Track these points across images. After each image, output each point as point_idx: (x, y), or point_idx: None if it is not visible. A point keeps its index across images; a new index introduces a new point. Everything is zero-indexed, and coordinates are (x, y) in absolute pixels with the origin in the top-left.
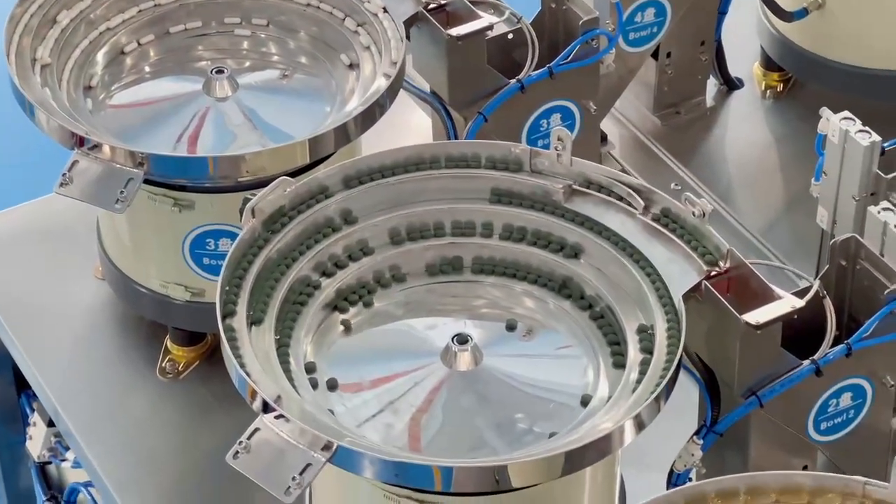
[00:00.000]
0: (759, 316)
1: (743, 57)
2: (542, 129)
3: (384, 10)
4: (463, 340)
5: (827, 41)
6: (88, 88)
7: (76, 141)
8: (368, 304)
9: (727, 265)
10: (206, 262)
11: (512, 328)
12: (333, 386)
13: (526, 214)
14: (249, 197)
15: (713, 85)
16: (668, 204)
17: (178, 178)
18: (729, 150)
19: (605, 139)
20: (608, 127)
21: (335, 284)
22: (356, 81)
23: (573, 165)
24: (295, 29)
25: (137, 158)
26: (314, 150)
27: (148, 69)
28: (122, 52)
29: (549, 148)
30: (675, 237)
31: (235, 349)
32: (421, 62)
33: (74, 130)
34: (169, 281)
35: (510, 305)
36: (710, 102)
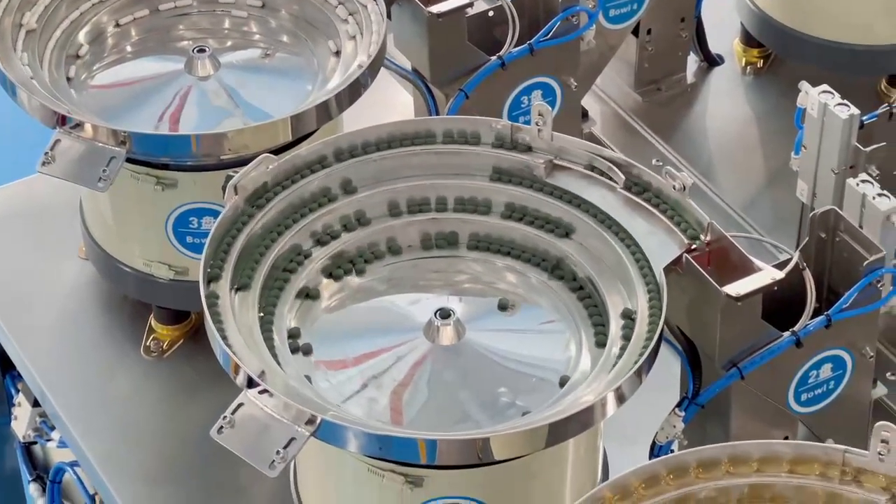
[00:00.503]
0: (739, 288)
1: (723, 33)
2: (523, 105)
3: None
4: (445, 315)
5: (806, 17)
6: (70, 68)
7: (58, 120)
8: (341, 277)
9: (708, 238)
10: (189, 240)
11: (504, 308)
12: (308, 351)
13: (509, 189)
14: (232, 174)
15: (693, 61)
16: (648, 178)
17: (160, 156)
18: (710, 125)
19: (586, 115)
20: (589, 103)
21: (316, 262)
22: (338, 56)
23: (554, 140)
24: (276, 8)
25: (120, 137)
26: (296, 127)
27: (129, 49)
28: (103, 31)
29: (530, 124)
30: (655, 211)
31: (219, 324)
32: (402, 40)
33: (56, 109)
34: (152, 260)
35: (492, 280)
36: (690, 79)
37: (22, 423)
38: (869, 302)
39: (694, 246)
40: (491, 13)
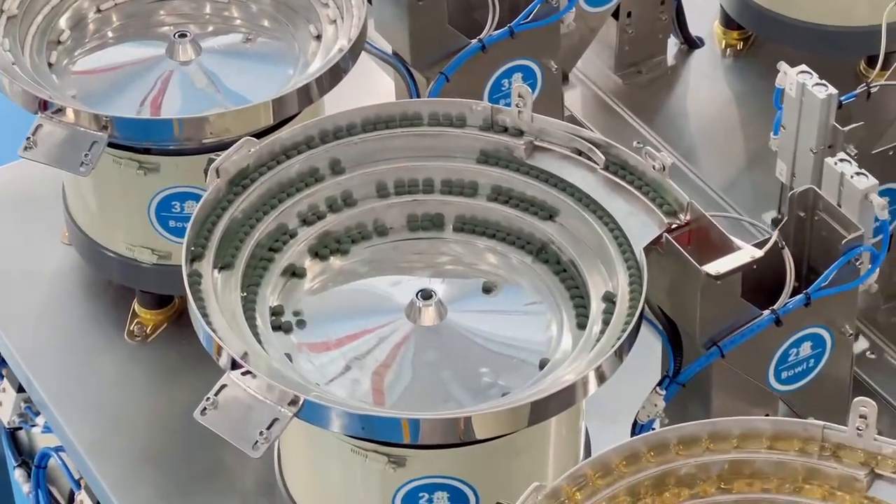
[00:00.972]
0: (718, 266)
1: (703, 16)
2: (503, 88)
3: None
4: (427, 296)
5: None
6: (51, 54)
7: (40, 105)
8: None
9: (687, 217)
10: (172, 224)
11: (489, 290)
12: (290, 329)
13: (488, 171)
14: (214, 158)
15: (674, 44)
16: (628, 158)
17: (142, 140)
18: (690, 108)
19: (566, 78)
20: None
21: (300, 244)
22: (319, 40)
23: (534, 122)
24: None
25: (101, 121)
26: (277, 111)
27: (111, 34)
28: (84, 17)
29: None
30: (635, 191)
31: (202, 306)
32: (382, 24)
33: (37, 94)
34: (135, 244)
35: (474, 262)
36: (670, 61)
37: (6, 408)
38: (848, 280)
39: (674, 225)
40: None
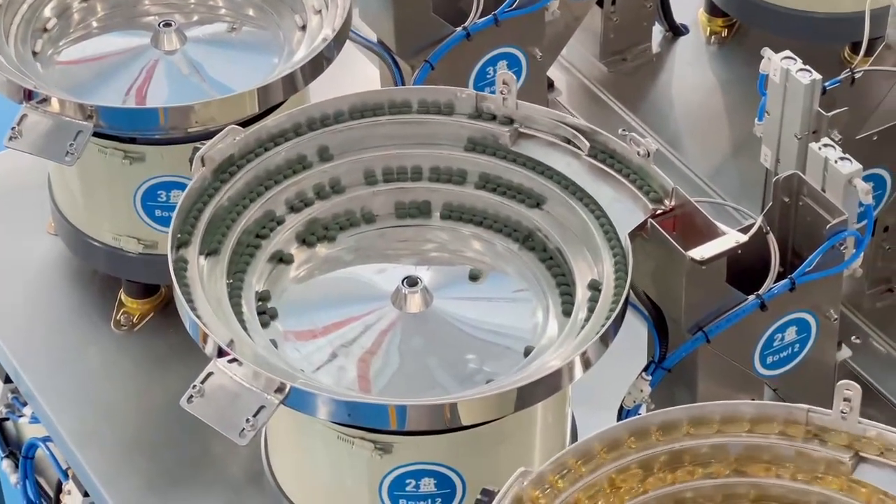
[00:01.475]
0: (703, 251)
1: (687, 3)
2: (488, 76)
3: None
4: (413, 283)
5: None
6: (36, 43)
7: (24, 95)
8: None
9: (672, 203)
10: (158, 214)
11: (476, 278)
12: (275, 315)
13: (475, 158)
14: (199, 147)
15: (658, 31)
16: (613, 144)
17: (127, 130)
18: (675, 95)
19: (552, 86)
20: (555, 74)
21: (286, 232)
22: (304, 29)
23: (518, 109)
24: None
25: (86, 111)
26: (263, 99)
27: (96, 24)
28: (69, 6)
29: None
30: (620, 177)
31: (187, 294)
32: (367, 12)
33: (22, 84)
34: (121, 234)
35: (459, 249)
36: (655, 49)
37: None
38: (832, 265)
39: (659, 211)
40: None
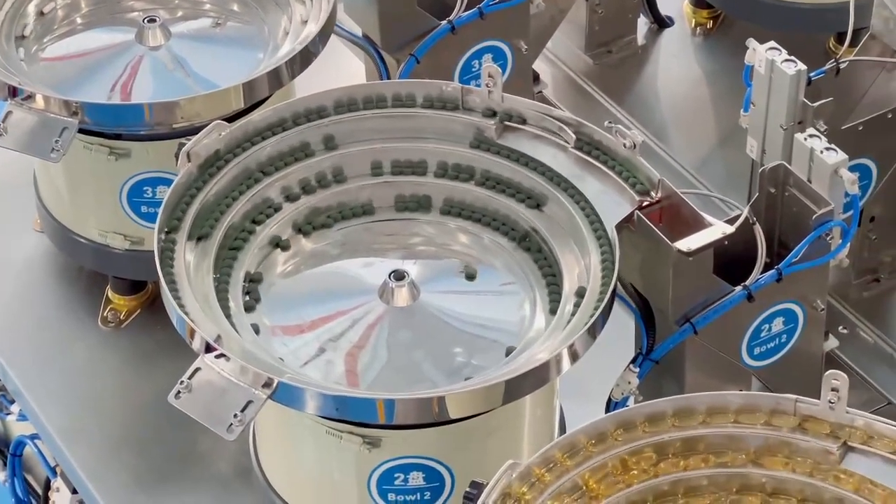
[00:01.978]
0: (690, 243)
1: None
2: (473, 69)
3: None
4: (400, 276)
5: None
6: (21, 40)
7: (9, 92)
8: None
9: (659, 195)
10: (144, 210)
11: (471, 277)
12: (257, 300)
13: (459, 151)
14: (185, 142)
15: (644, 23)
16: (599, 136)
17: (113, 126)
18: (661, 87)
19: (537, 79)
20: (540, 67)
21: (275, 225)
22: (289, 24)
23: (504, 102)
24: None
25: (71, 107)
26: (248, 94)
27: (80, 20)
28: (53, 3)
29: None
30: (606, 169)
31: (174, 291)
32: (352, 6)
33: (7, 81)
34: (108, 230)
35: (446, 242)
36: (641, 41)
37: None
38: (818, 255)
39: (645, 203)
40: None
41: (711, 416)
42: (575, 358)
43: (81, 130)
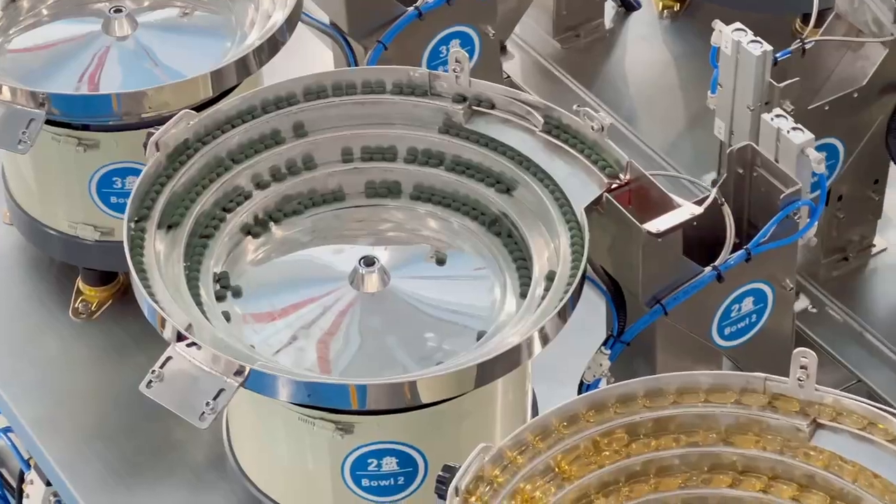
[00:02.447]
0: (659, 224)
1: None
2: (441, 55)
3: None
4: (370, 263)
5: None
6: None
7: None
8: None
9: (627, 177)
10: (113, 200)
11: (442, 262)
12: (238, 293)
13: (429, 136)
14: (153, 132)
15: (611, 7)
16: (567, 120)
17: (80, 117)
18: (629, 70)
19: (504, 50)
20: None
21: (245, 213)
22: (256, 13)
23: (471, 86)
24: None
25: (38, 98)
26: (216, 83)
27: (46, 11)
28: None
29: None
30: (575, 152)
31: (145, 281)
32: None
33: None
34: (77, 221)
35: (416, 227)
36: (608, 24)
37: None
38: (787, 234)
39: (614, 185)
40: None
41: (682, 396)
42: (546, 341)
43: (49, 122)
